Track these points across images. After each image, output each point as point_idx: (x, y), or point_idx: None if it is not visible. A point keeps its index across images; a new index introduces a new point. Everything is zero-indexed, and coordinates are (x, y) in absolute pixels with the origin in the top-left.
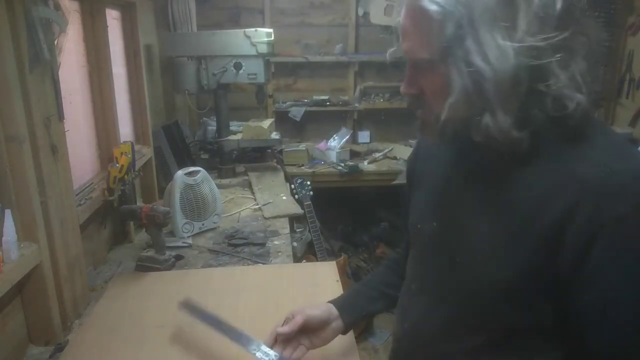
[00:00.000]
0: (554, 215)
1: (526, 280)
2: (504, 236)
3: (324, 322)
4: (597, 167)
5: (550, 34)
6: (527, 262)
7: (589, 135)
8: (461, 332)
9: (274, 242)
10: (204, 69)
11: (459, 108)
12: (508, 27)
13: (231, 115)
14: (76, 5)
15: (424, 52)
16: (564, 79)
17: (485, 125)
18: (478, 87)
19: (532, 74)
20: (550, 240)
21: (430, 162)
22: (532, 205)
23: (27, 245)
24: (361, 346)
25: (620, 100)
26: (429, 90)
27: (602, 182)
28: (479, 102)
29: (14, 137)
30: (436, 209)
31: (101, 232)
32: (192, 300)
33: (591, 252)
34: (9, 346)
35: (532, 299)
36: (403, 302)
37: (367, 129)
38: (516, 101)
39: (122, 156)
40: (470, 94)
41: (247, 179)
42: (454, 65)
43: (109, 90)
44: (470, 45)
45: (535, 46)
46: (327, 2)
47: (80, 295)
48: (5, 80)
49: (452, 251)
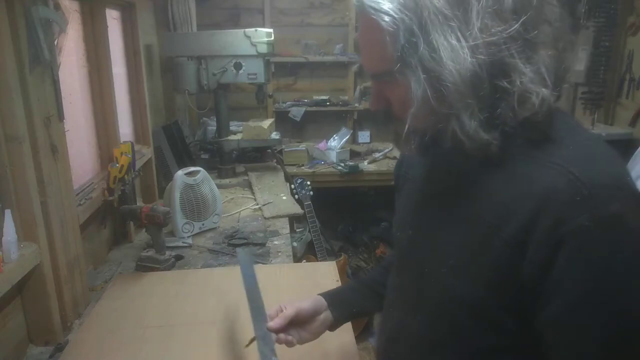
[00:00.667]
0: (517, 225)
1: (491, 296)
2: (469, 247)
3: (314, 314)
4: (561, 175)
5: (502, 27)
6: (491, 274)
7: (557, 135)
8: (429, 349)
9: (274, 242)
10: (204, 69)
11: (421, 117)
12: (461, 27)
13: (231, 115)
14: (76, 5)
15: (381, 64)
16: (528, 73)
17: (452, 131)
18: (438, 93)
19: (492, 71)
20: (514, 251)
21: (413, 169)
22: (497, 214)
23: (27, 245)
24: (361, 346)
25: (620, 100)
26: (396, 103)
27: (566, 191)
28: (441, 108)
29: (14, 137)
30: (413, 217)
31: (101, 232)
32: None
33: (554, 263)
34: (9, 346)
35: (498, 316)
36: (384, 314)
37: (367, 129)
38: (480, 102)
39: (122, 156)
40: (431, 101)
41: (247, 179)
42: (411, 74)
43: (109, 90)
44: (424, 50)
45: (490, 41)
46: (327, 2)
47: (80, 295)
48: (5, 80)
49: (422, 262)
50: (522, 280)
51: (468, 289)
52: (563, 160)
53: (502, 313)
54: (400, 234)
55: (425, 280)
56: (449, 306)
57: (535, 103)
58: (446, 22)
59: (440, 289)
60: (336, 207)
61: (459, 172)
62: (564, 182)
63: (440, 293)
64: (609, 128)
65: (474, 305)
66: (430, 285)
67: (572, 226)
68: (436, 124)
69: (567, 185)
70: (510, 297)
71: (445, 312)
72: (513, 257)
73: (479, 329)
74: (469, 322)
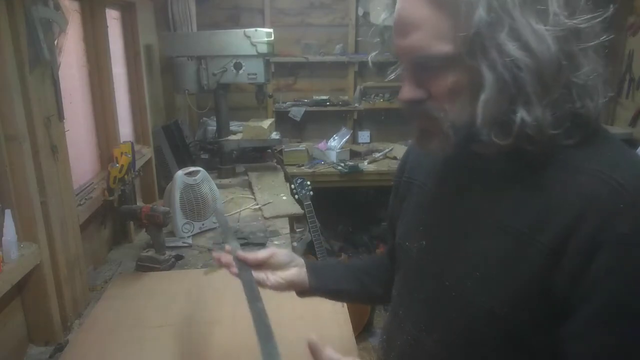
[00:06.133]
0: (553, 233)
1: (519, 310)
2: (498, 257)
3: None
4: (604, 183)
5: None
6: (522, 287)
7: (599, 140)
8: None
9: (274, 242)
10: (204, 69)
11: (492, 106)
12: (540, 11)
13: (231, 115)
14: (76, 5)
15: (444, 45)
16: (589, 71)
17: (521, 122)
18: (515, 80)
19: (570, 62)
20: (548, 261)
21: (419, 174)
22: (530, 222)
23: (27, 245)
24: (361, 346)
25: (620, 100)
26: (441, 93)
27: (609, 200)
28: (514, 96)
29: (14, 137)
30: (426, 226)
31: (101, 232)
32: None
33: (589, 271)
34: (9, 346)
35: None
36: (391, 329)
37: (367, 129)
38: (556, 94)
39: (122, 156)
40: (506, 89)
41: (247, 179)
42: (484, 58)
43: (109, 90)
44: (504, 32)
45: (571, 31)
46: (327, 2)
47: (80, 295)
48: (5, 80)
49: (440, 275)
50: (554, 293)
51: (496, 303)
52: (603, 166)
53: (528, 331)
54: (408, 244)
55: (445, 295)
56: (471, 324)
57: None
58: (530, 4)
59: (463, 305)
60: (336, 207)
61: (483, 177)
62: (607, 190)
63: (462, 309)
64: (609, 128)
65: (499, 321)
66: (451, 300)
67: (612, 234)
68: (502, 115)
69: (610, 193)
70: (540, 312)
71: (467, 330)
72: (546, 268)
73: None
74: (496, 341)
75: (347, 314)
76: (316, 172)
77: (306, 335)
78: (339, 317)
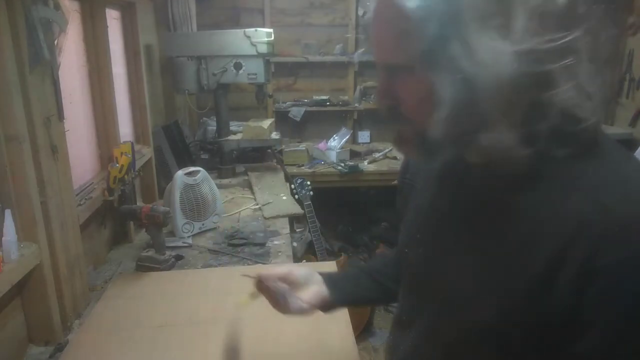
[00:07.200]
0: (548, 252)
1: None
2: (488, 274)
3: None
4: (591, 203)
5: (553, 34)
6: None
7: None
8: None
9: (274, 242)
10: (204, 69)
11: (449, 123)
12: (502, 26)
13: (231, 115)
14: (76, 5)
15: (400, 57)
16: (571, 87)
17: (484, 144)
18: (471, 98)
19: (536, 81)
20: (542, 280)
21: (420, 177)
22: (524, 239)
23: (27, 245)
24: (361, 346)
25: (620, 100)
26: (408, 102)
27: (597, 224)
28: (473, 116)
29: (14, 137)
30: (423, 235)
31: (101, 232)
32: None
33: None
34: (9, 346)
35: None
36: (394, 334)
37: (367, 129)
38: (519, 114)
39: (122, 156)
40: (463, 107)
41: (247, 179)
42: (437, 73)
43: (109, 90)
44: (456, 47)
45: (536, 49)
46: (327, 2)
47: (80, 295)
48: (5, 80)
49: (441, 286)
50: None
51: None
52: (595, 184)
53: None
54: (408, 250)
55: (446, 307)
56: (473, 337)
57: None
58: (489, 19)
59: (463, 318)
60: (336, 207)
61: (480, 190)
62: (594, 213)
63: (463, 322)
64: (609, 128)
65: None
66: (452, 312)
67: (605, 261)
68: (464, 133)
69: (598, 216)
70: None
71: (468, 343)
72: (541, 286)
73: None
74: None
75: (347, 314)
76: (316, 172)
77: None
78: (339, 317)
